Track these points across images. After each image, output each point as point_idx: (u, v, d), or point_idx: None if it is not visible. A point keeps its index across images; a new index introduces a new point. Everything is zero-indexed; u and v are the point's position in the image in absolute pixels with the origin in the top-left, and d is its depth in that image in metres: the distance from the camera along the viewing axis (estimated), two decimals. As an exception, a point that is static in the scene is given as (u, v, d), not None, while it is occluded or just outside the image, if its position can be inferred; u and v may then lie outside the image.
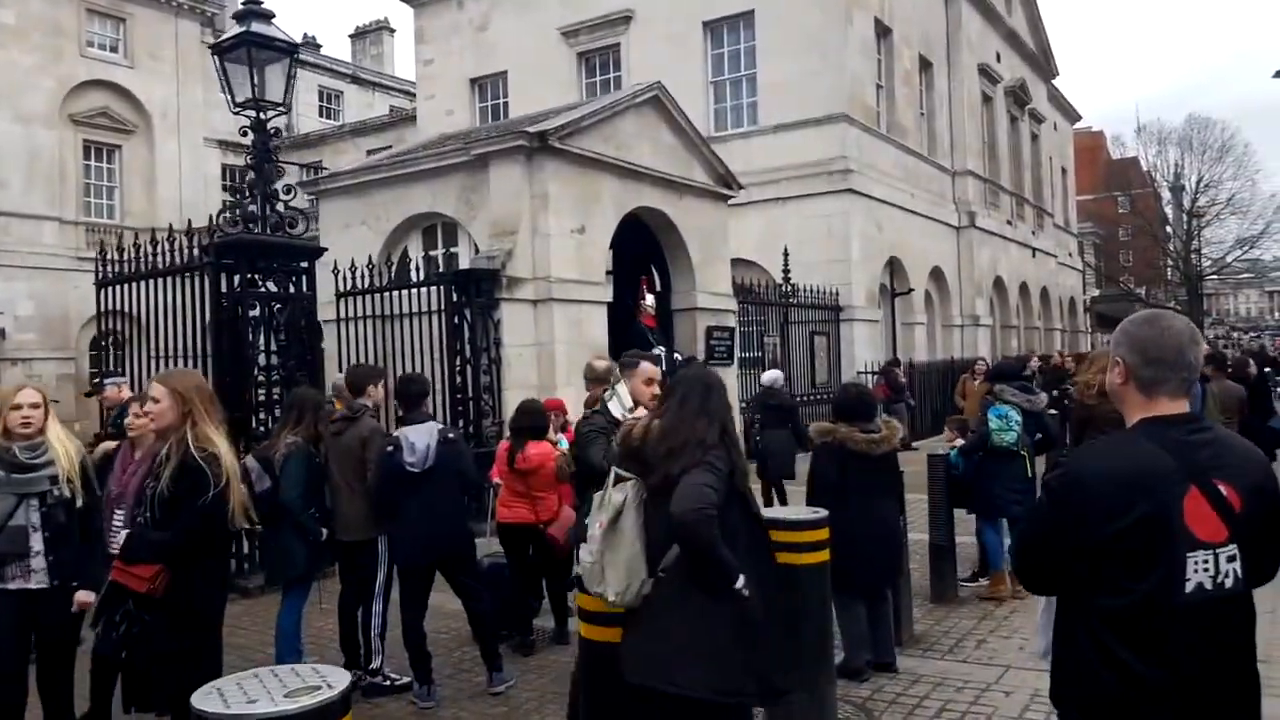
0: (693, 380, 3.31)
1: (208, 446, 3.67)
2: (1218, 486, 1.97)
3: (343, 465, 5.56)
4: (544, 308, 10.91)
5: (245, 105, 8.32)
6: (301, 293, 8.59)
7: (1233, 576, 1.98)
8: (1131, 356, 2.08)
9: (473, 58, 23.36)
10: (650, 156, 12.63)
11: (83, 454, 4.31)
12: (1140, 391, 2.08)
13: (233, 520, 3.72)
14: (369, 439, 5.44)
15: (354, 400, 5.69)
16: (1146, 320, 2.14)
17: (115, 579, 3.72)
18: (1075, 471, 2.05)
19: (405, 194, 12.05)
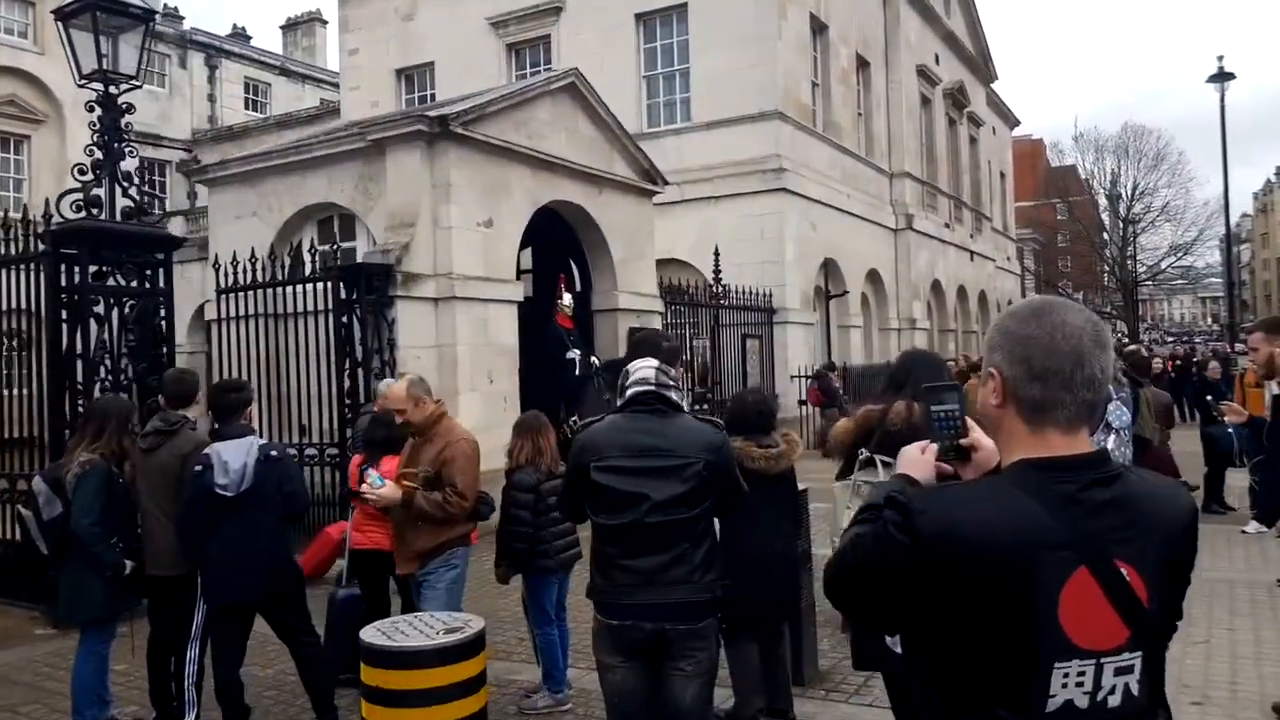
0: (929, 361, 3.84)
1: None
2: (1119, 568, 1.36)
3: (154, 487, 4.76)
4: (446, 307, 10.12)
5: (92, 78, 7.42)
6: (156, 288, 7.71)
7: (1122, 693, 1.36)
8: (1011, 366, 1.48)
9: (399, 48, 22.43)
10: (566, 147, 11.90)
11: None
12: (1022, 417, 1.47)
13: None
14: (190, 457, 4.63)
15: (171, 411, 4.87)
16: (1034, 313, 1.52)
17: None
18: (931, 523, 1.43)
19: (300, 183, 11.17)
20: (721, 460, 3.30)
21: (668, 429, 3.27)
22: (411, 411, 4.64)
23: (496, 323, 10.73)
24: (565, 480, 3.52)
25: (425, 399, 4.68)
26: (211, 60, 31.38)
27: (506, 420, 10.48)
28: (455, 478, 4.51)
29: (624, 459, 3.20)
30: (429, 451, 4.58)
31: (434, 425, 4.66)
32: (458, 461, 4.53)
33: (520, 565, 5.08)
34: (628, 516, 3.16)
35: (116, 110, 7.50)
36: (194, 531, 4.56)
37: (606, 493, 3.19)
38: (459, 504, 4.51)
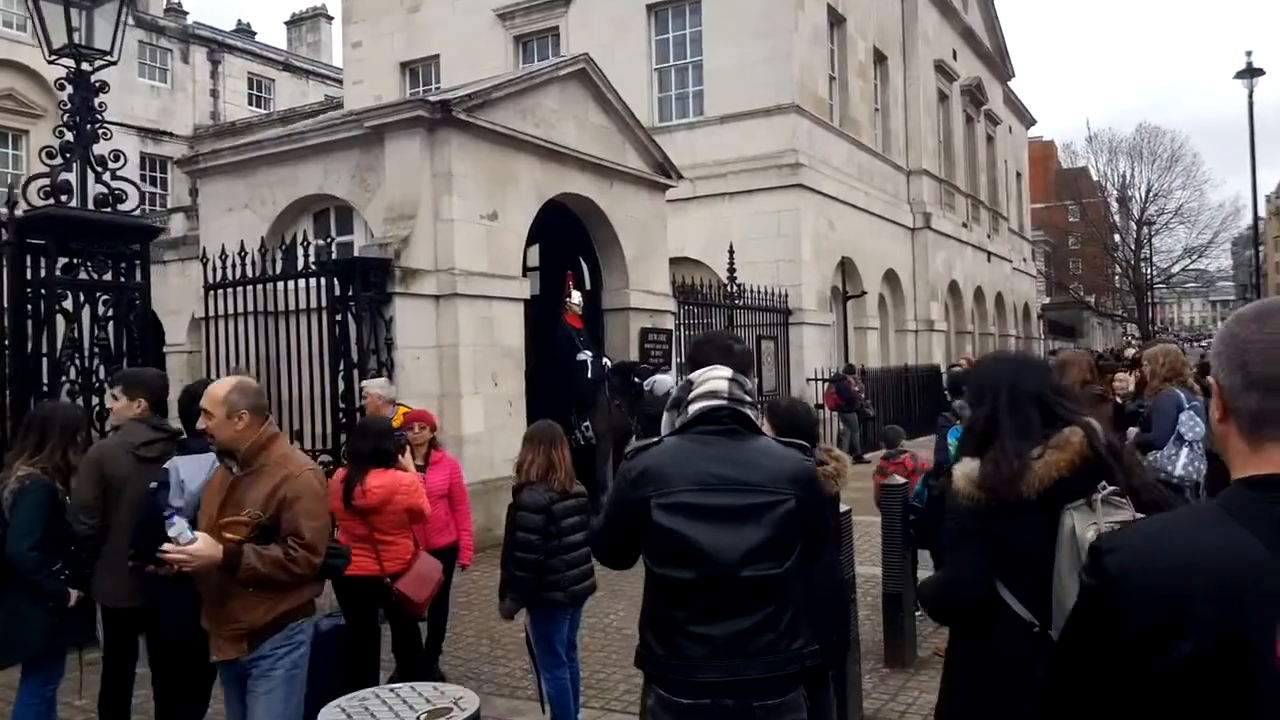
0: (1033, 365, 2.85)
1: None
2: None
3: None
4: (447, 304, 9.50)
5: (62, 53, 6.81)
6: (132, 281, 7.10)
7: None
8: (1228, 375, 1.31)
9: (404, 40, 21.84)
10: (576, 137, 11.27)
11: None
12: (1241, 433, 1.29)
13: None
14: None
15: (159, 417, 4.28)
16: (1257, 314, 1.33)
17: None
18: (1119, 563, 1.28)
19: (294, 173, 10.55)
20: (814, 496, 2.59)
21: (747, 456, 2.53)
22: (220, 425, 3.33)
23: (501, 322, 10.10)
24: (610, 515, 2.66)
25: (247, 414, 3.34)
26: (214, 55, 30.84)
27: (511, 425, 9.91)
28: (299, 524, 3.29)
29: (696, 494, 2.46)
30: (257, 489, 3.33)
31: (258, 453, 3.36)
32: (302, 502, 3.31)
33: (527, 598, 4.44)
34: (702, 571, 2.43)
35: (89, 88, 6.89)
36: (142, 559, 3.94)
37: (673, 539, 2.44)
38: (306, 560, 3.29)
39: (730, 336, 2.84)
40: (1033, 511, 2.33)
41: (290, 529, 3.29)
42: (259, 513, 3.29)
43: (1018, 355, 4.06)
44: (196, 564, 3.18)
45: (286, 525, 3.29)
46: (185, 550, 3.15)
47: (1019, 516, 2.35)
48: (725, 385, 2.59)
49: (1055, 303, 53.17)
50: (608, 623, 6.78)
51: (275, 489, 3.30)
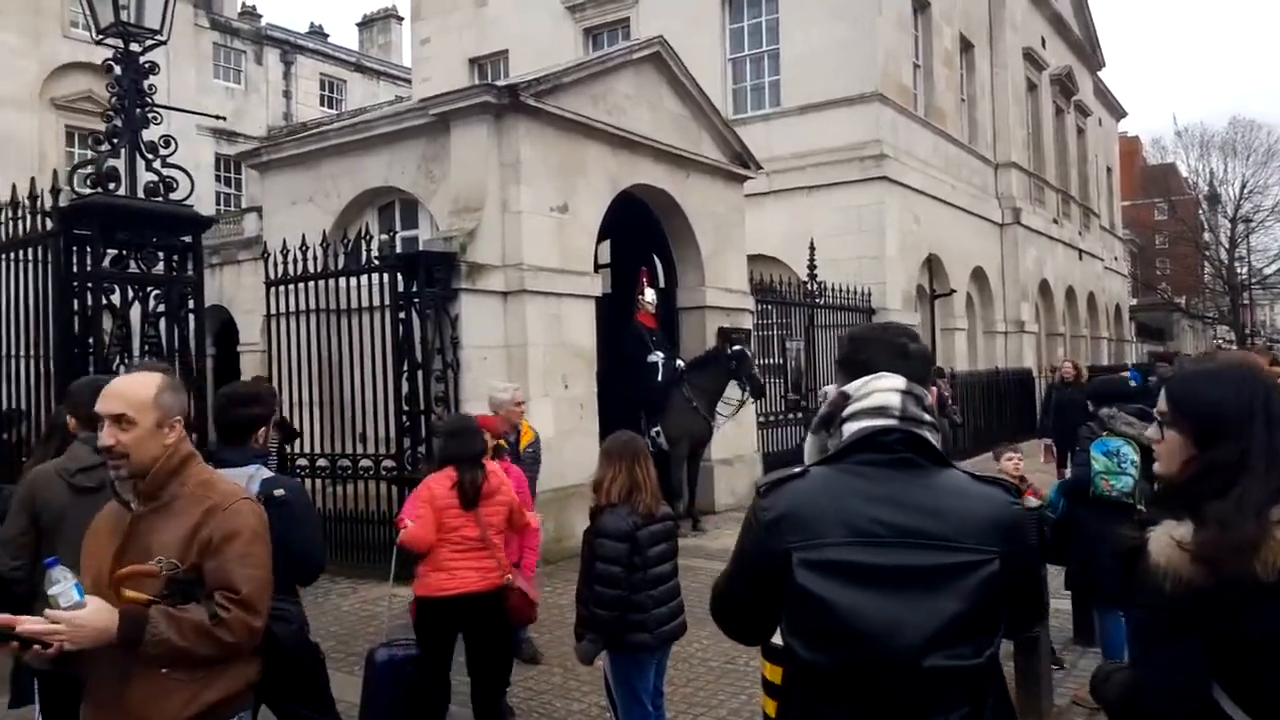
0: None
1: None
2: None
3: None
4: (515, 301, 8.94)
5: (109, 32, 6.40)
6: (184, 275, 6.66)
7: None
8: None
9: (472, 36, 21.49)
10: (650, 124, 10.63)
11: None
12: None
13: None
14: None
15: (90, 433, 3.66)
16: None
17: None
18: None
19: (359, 165, 10.13)
20: (1024, 554, 1.84)
21: (931, 497, 1.80)
22: (141, 440, 2.35)
23: (572, 320, 9.50)
24: (735, 572, 1.93)
25: (179, 424, 2.44)
26: (287, 57, 31.04)
27: (583, 430, 9.31)
28: (232, 574, 2.34)
29: (857, 550, 1.74)
30: (169, 529, 2.36)
31: (168, 480, 2.39)
32: (236, 543, 2.37)
33: (608, 639, 3.78)
34: (865, 658, 1.71)
35: (138, 70, 6.46)
36: None
37: (823, 611, 1.73)
38: (243, 624, 2.32)
39: (903, 331, 2.07)
40: (1273, 598, 1.63)
41: (219, 581, 2.31)
42: (174, 562, 2.29)
43: (1243, 361, 3.20)
44: (82, 639, 2.13)
45: (214, 576, 2.32)
46: (66, 619, 2.11)
47: (1256, 603, 1.64)
48: (897, 400, 1.86)
49: (1143, 304, 50.91)
50: (690, 653, 6.10)
51: (196, 527, 2.33)
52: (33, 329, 6.45)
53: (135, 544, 2.35)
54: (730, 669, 5.83)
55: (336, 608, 7.74)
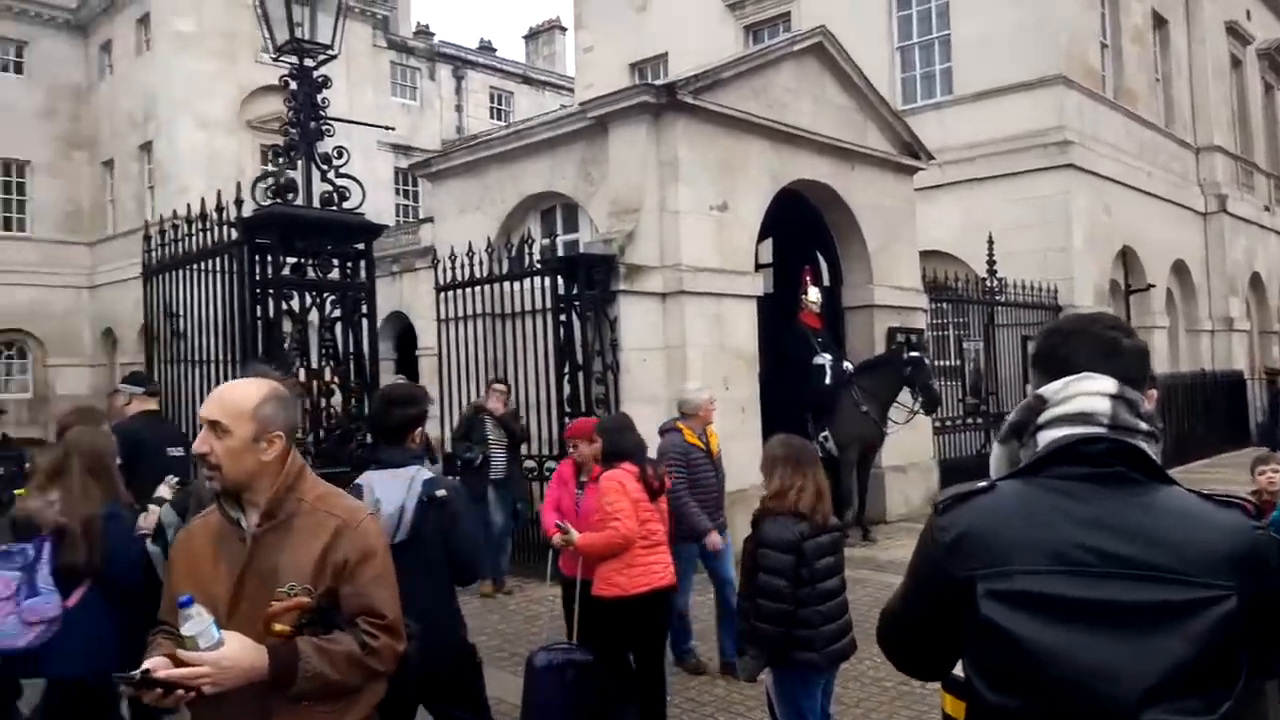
0: None
1: None
2: None
3: None
4: (674, 302, 8.80)
5: (284, 49, 6.71)
6: (357, 281, 6.89)
7: None
8: None
9: (632, 40, 21.64)
10: (812, 117, 10.27)
11: None
12: None
13: None
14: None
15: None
16: None
17: None
18: None
19: (522, 171, 10.28)
20: (1270, 589, 1.47)
21: (1150, 519, 1.48)
22: (236, 453, 2.15)
23: (732, 321, 9.28)
24: (908, 595, 1.67)
25: (281, 438, 2.21)
26: (458, 72, 32.33)
27: (744, 433, 9.03)
28: (373, 597, 2.18)
29: (1057, 580, 1.44)
30: (296, 551, 2.14)
31: (285, 497, 2.18)
32: (372, 563, 2.21)
33: (772, 656, 3.55)
34: (1070, 707, 1.41)
35: (312, 84, 6.75)
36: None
37: (1015, 651, 1.44)
38: (390, 651, 2.19)
39: (1114, 323, 1.72)
40: None
41: (361, 606, 2.15)
42: (307, 587, 2.10)
43: None
44: (229, 680, 1.95)
45: (354, 601, 2.15)
46: (210, 660, 1.93)
47: None
48: (1106, 405, 1.54)
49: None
50: (860, 671, 5.75)
51: (327, 549, 2.14)
52: (223, 335, 6.82)
53: (258, 568, 2.12)
54: (905, 691, 5.45)
55: (503, 606, 7.84)
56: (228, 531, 2.18)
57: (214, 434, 2.14)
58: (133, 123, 27.58)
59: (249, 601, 2.10)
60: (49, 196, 28.76)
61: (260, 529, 2.15)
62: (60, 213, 28.89)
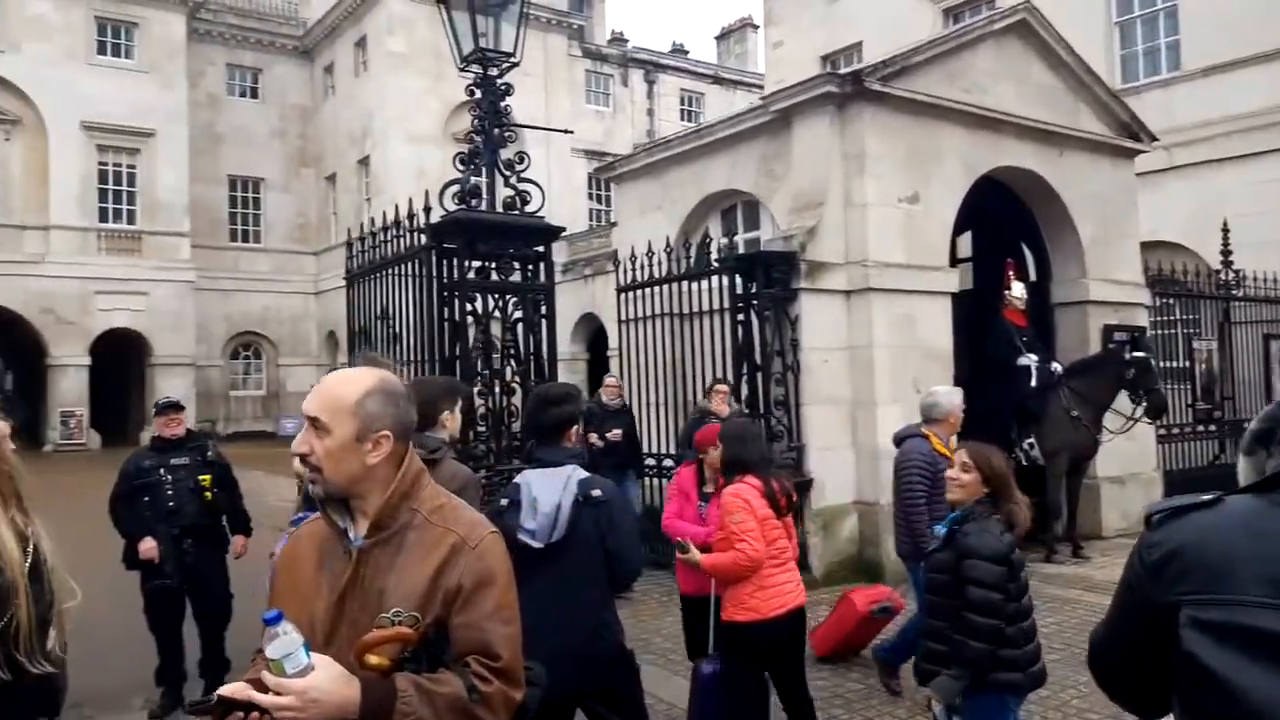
0: None
1: None
2: None
3: None
4: (860, 300, 8.41)
5: (470, 59, 6.90)
6: (537, 282, 7.00)
7: None
8: None
9: (823, 33, 21.12)
10: (1015, 100, 9.55)
11: None
12: None
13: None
14: (462, 494, 3.46)
15: (425, 434, 3.68)
16: None
17: None
18: None
19: (702, 171, 10.17)
20: None
21: None
22: (338, 453, 1.85)
23: (925, 319, 8.76)
24: (1115, 619, 1.44)
25: (389, 438, 1.89)
26: (650, 76, 32.75)
27: (936, 440, 8.54)
28: (489, 633, 1.83)
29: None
30: (406, 571, 1.84)
31: (399, 506, 1.88)
32: (491, 591, 1.86)
33: (978, 675, 3.25)
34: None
35: (495, 92, 6.90)
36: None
37: (1227, 694, 1.17)
38: (504, 699, 1.82)
39: None
40: None
41: (474, 643, 1.81)
42: (414, 614, 1.78)
43: None
44: (316, 715, 1.66)
45: (466, 636, 1.81)
46: (298, 690, 1.64)
47: None
48: None
49: None
50: (1064, 700, 5.23)
51: (440, 570, 1.82)
52: (416, 337, 7.10)
53: (363, 587, 1.83)
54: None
55: (670, 610, 7.69)
56: (333, 541, 1.92)
57: (314, 432, 1.87)
58: (351, 139, 29.76)
59: (350, 625, 1.81)
60: (280, 210, 31.52)
61: (368, 542, 1.86)
62: (290, 225, 31.58)
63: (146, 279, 26.89)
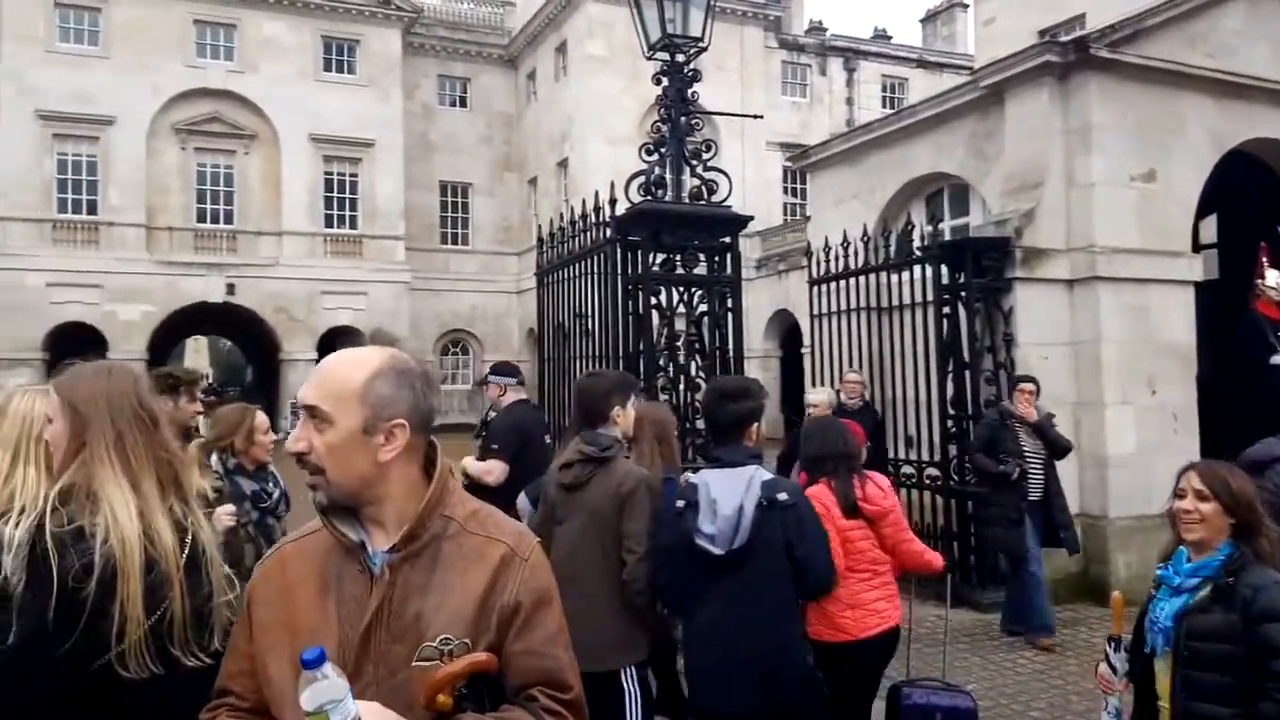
0: None
1: (81, 509, 1.92)
2: None
3: (574, 544, 3.42)
4: (1084, 290, 7.60)
5: (657, 46, 6.72)
6: (722, 274, 6.72)
7: None
8: None
9: (1040, 6, 19.55)
10: (1270, 63, 8.36)
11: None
12: None
13: (124, 661, 1.88)
14: (631, 497, 3.25)
15: (597, 431, 3.45)
16: None
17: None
18: None
19: (903, 155, 9.55)
20: None
21: None
22: (342, 449, 1.53)
23: (1161, 311, 7.81)
24: None
25: (404, 428, 1.56)
26: (849, 64, 31.73)
27: (1175, 446, 7.51)
28: (552, 660, 1.56)
29: None
30: (449, 589, 1.53)
31: (431, 514, 1.56)
32: (552, 613, 1.60)
33: None
34: None
35: (683, 79, 6.68)
36: (675, 596, 3.18)
37: None
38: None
39: None
40: None
41: (538, 672, 1.53)
42: (464, 642, 1.49)
43: None
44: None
45: (527, 664, 1.53)
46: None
47: None
48: None
49: None
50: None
51: (490, 588, 1.53)
52: (603, 332, 7.00)
53: (394, 609, 1.51)
54: None
55: (1061, 664, 6.99)
56: (338, 560, 1.56)
57: (313, 424, 1.53)
58: (551, 143, 30.63)
59: (379, 660, 1.49)
60: (486, 214, 32.93)
61: (397, 557, 1.52)
62: (495, 227, 32.92)
63: (366, 280, 28.76)
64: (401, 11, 29.88)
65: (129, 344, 25.59)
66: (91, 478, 1.97)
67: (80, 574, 1.87)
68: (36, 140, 25.72)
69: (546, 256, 8.08)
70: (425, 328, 30.97)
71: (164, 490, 2.07)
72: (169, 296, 26.68)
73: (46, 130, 25.81)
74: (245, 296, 27.67)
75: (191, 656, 2.01)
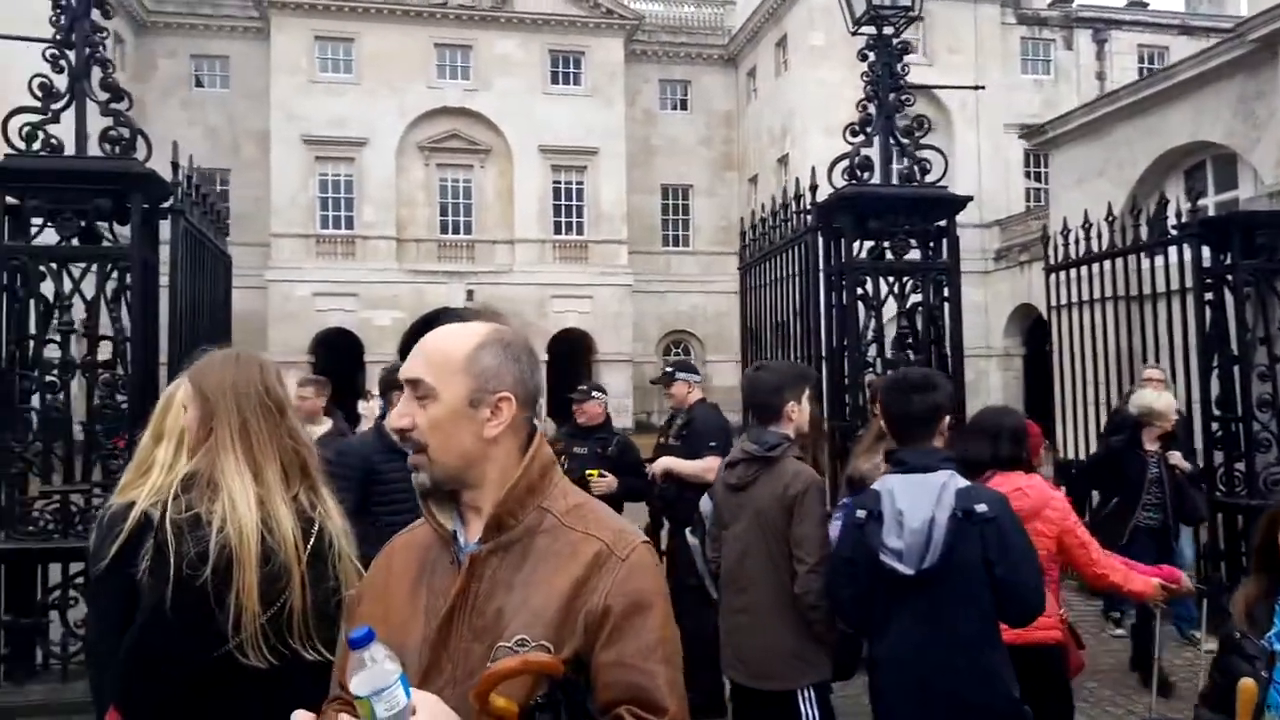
0: None
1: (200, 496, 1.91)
2: None
3: (742, 549, 3.14)
4: (1388, 271, 6.37)
5: (862, 20, 6.28)
6: (937, 261, 6.18)
7: None
8: None
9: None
10: None
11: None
12: None
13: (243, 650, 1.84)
14: (800, 499, 2.93)
15: (763, 429, 3.10)
16: None
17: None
18: None
19: (1158, 124, 8.47)
20: None
21: None
22: (444, 425, 1.40)
23: None
24: None
25: (511, 403, 1.44)
26: (1099, 35, 29.13)
27: None
28: (644, 674, 1.32)
29: None
30: (535, 584, 1.37)
31: (524, 502, 1.41)
32: (648, 622, 1.35)
33: None
34: None
35: (890, 53, 6.21)
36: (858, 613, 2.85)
37: None
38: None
39: None
40: None
41: (628, 688, 1.33)
42: (545, 644, 1.33)
43: None
44: None
45: (616, 677, 1.33)
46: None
47: None
48: None
49: None
50: None
51: (578, 587, 1.37)
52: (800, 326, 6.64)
53: (477, 604, 1.39)
54: None
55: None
56: (437, 551, 1.46)
57: (415, 399, 1.43)
58: (772, 139, 30.25)
59: (457, 656, 1.37)
60: (706, 215, 33.04)
61: (484, 548, 1.40)
62: (715, 228, 32.94)
63: (592, 284, 29.62)
64: (624, 20, 30.57)
65: (382, 348, 27.75)
66: (214, 465, 1.96)
67: (195, 561, 1.84)
68: (303, 163, 28.47)
69: (750, 250, 7.81)
70: (648, 329, 31.48)
71: (289, 479, 2.03)
72: (416, 303, 28.66)
73: (310, 154, 28.52)
74: (482, 302, 29.30)
75: (312, 650, 1.94)
